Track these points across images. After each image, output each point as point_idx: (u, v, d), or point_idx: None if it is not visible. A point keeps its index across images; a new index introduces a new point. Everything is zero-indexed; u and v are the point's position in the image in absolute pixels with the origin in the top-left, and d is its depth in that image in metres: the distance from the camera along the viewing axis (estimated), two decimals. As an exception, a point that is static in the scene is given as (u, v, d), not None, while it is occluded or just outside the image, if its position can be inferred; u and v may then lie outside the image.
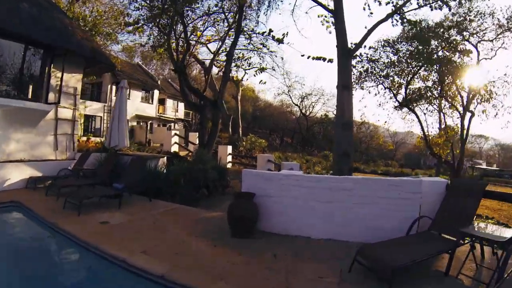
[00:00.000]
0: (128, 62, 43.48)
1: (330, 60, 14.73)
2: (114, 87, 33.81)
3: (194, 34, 18.37)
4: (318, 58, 13.95)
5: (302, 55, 14.05)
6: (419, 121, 24.16)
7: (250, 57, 19.86)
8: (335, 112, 53.78)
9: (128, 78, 34.28)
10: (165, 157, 14.30)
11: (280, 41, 15.47)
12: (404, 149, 68.80)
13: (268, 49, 19.30)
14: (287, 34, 23.78)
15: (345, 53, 14.48)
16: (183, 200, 9.96)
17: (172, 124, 44.55)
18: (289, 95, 53.61)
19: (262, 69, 18.68)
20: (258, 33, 17.63)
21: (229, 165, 19.74)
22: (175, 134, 22.21)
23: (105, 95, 33.87)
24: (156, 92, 41.13)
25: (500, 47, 23.23)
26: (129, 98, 34.01)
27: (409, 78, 23.12)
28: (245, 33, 17.59)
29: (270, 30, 15.62)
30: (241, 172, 8.28)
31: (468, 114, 23.27)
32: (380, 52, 23.33)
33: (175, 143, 22.07)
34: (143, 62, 51.28)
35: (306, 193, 6.78)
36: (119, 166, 11.54)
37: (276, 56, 21.18)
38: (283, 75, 35.53)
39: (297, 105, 54.56)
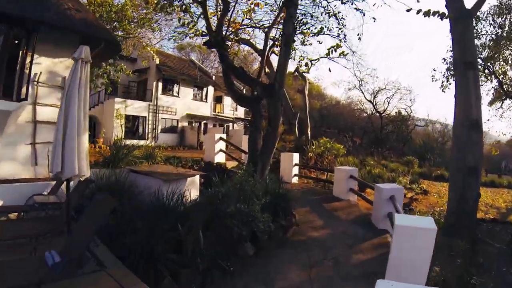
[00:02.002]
0: (179, 58, 40.11)
1: (449, 17, 9.43)
2: (160, 84, 30.37)
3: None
4: (431, 14, 8.20)
5: (408, 10, 8.43)
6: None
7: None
8: (407, 110, 47.84)
9: (176, 73, 31.38)
10: (197, 176, 9.58)
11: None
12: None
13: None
14: None
15: (464, 15, 10.22)
16: (205, 274, 5.32)
17: (231, 124, 40.36)
18: (361, 90, 47.48)
19: (337, 47, 13.32)
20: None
21: (294, 180, 14.71)
22: (221, 138, 16.53)
23: (150, 93, 30.02)
24: (211, 89, 36.67)
25: None
26: (178, 96, 31.91)
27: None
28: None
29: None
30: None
31: None
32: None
33: (221, 150, 16.56)
34: (199, 58, 47.89)
35: None
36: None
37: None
38: (355, 65, 29.89)
39: (370, 101, 48.29)
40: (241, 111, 43.49)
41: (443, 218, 11.23)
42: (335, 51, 12.41)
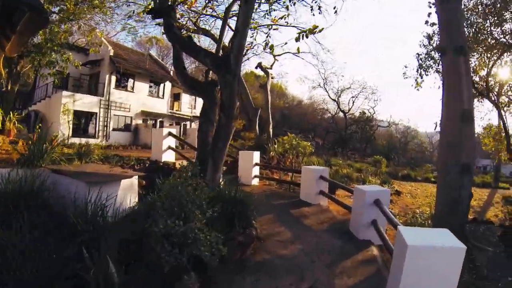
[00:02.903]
0: (136, 51, 37.69)
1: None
2: (114, 78, 27.83)
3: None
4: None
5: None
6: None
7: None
8: (370, 111, 47.59)
9: (132, 66, 29.01)
10: (135, 178, 7.66)
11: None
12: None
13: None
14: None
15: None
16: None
17: (188, 123, 38.08)
18: (325, 89, 46.16)
19: (309, 31, 11.40)
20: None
21: (255, 181, 12.97)
22: (170, 133, 14.38)
23: (103, 87, 27.28)
24: (168, 85, 34.22)
25: None
26: (133, 91, 29.42)
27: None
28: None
29: None
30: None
31: None
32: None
33: (170, 147, 14.39)
34: (159, 55, 45.97)
35: None
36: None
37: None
38: (320, 63, 28.43)
39: (334, 99, 46.98)
40: (200, 110, 41.19)
41: (429, 221, 10.16)
42: (307, 36, 10.33)
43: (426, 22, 17.20)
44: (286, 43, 18.93)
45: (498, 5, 15.94)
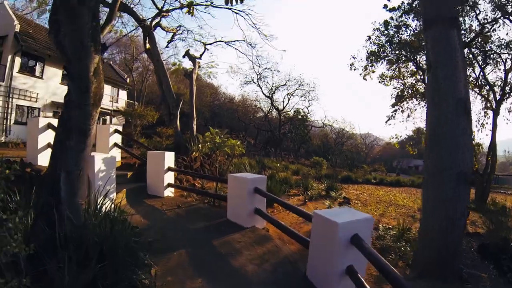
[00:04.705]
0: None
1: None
2: (18, 59, 23.17)
3: None
4: None
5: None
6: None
7: None
8: (305, 110, 45.82)
9: (42, 47, 24.40)
10: None
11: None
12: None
13: None
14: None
15: None
16: None
17: (108, 118, 34.25)
18: (259, 85, 43.55)
19: None
20: None
21: (168, 192, 9.91)
22: (116, 130, 12.20)
23: (3, 70, 22.36)
24: (85, 73, 30.24)
25: None
26: (42, 77, 24.79)
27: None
28: None
29: None
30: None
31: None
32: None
33: (116, 144, 12.01)
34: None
35: None
36: None
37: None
38: (254, 57, 25.76)
39: (268, 96, 44.41)
40: (122, 104, 37.62)
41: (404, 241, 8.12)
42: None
43: (385, 6, 15.52)
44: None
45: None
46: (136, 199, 8.99)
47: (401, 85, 20.15)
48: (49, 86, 26.03)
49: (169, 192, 9.88)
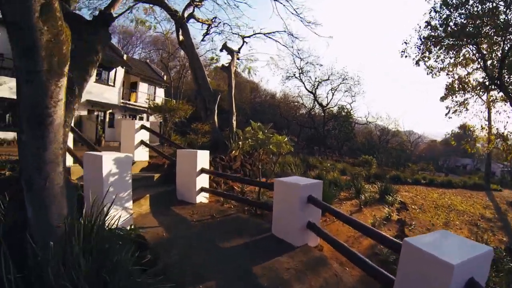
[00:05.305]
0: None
1: None
2: None
3: None
4: None
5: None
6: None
7: None
8: (348, 107, 43.35)
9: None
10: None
11: None
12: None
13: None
14: None
15: None
16: None
17: (145, 116, 33.25)
18: (301, 79, 41.59)
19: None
20: None
21: (201, 198, 8.36)
22: (143, 126, 10.74)
23: None
24: (121, 71, 29.41)
25: None
26: None
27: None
28: None
29: None
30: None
31: None
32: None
33: (142, 142, 10.71)
34: (121, 42, 42.20)
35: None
36: None
37: None
38: (295, 51, 24.04)
39: (311, 91, 42.40)
40: (159, 101, 36.72)
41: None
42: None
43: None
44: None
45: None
46: (162, 207, 7.57)
47: (450, 77, 18.30)
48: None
49: (202, 198, 8.37)
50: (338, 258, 5.51)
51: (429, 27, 16.04)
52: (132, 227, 5.52)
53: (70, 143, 8.18)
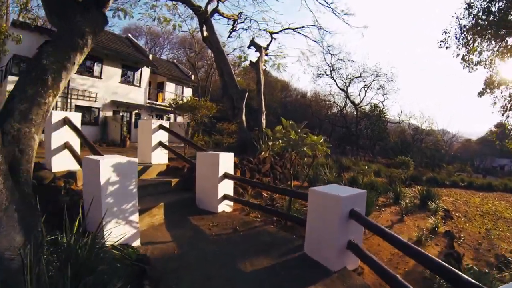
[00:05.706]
0: (107, 31, 31.81)
1: None
2: None
3: None
4: None
5: None
6: None
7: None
8: (380, 105, 41.94)
9: (99, 47, 23.43)
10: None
11: None
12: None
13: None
14: None
15: None
16: None
17: (172, 116, 32.67)
18: (332, 77, 40.39)
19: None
20: None
21: (224, 206, 7.33)
22: (161, 126, 9.67)
23: None
24: (146, 71, 28.85)
25: None
26: (101, 77, 24.34)
27: None
28: None
29: None
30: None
31: None
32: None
33: (160, 144, 9.59)
34: (148, 44, 42.42)
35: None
36: None
37: None
38: (325, 48, 22.89)
39: (342, 89, 41.14)
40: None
41: None
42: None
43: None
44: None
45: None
46: (178, 217, 6.60)
47: (487, 71, 16.83)
48: (108, 85, 25.56)
49: (225, 206, 7.36)
50: (382, 285, 4.56)
51: (472, 15, 14.63)
52: (137, 244, 4.60)
53: (77, 146, 7.17)
